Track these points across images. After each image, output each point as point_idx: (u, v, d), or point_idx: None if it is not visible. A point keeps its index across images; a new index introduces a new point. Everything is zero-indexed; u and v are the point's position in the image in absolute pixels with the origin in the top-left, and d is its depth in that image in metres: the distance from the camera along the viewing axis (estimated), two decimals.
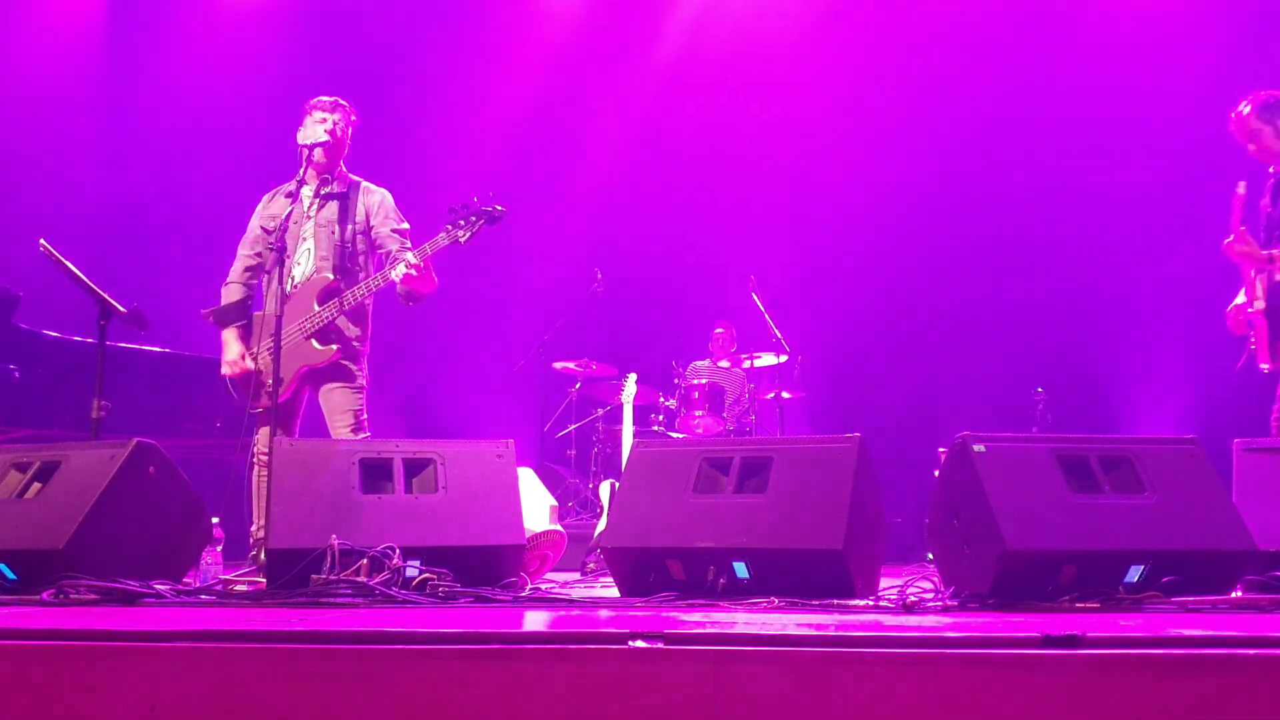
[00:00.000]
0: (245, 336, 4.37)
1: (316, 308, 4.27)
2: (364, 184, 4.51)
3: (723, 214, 8.76)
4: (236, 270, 4.52)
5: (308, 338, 4.25)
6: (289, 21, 8.40)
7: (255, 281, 4.49)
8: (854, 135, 8.40)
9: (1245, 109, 4.39)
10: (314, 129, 4.38)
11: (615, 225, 8.82)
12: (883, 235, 8.32)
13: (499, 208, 4.21)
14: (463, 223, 4.18)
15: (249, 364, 4.26)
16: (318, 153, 4.34)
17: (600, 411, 7.36)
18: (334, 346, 4.27)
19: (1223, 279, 7.58)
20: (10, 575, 3.04)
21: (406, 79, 8.52)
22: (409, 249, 4.31)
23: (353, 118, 4.51)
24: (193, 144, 7.96)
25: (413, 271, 4.14)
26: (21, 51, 7.61)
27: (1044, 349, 7.90)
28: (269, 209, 4.52)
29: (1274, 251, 4.16)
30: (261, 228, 4.50)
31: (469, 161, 8.43)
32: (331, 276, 4.31)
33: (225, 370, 4.38)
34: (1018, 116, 7.94)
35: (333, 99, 4.46)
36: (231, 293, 4.50)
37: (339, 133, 4.42)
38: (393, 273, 4.19)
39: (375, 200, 4.46)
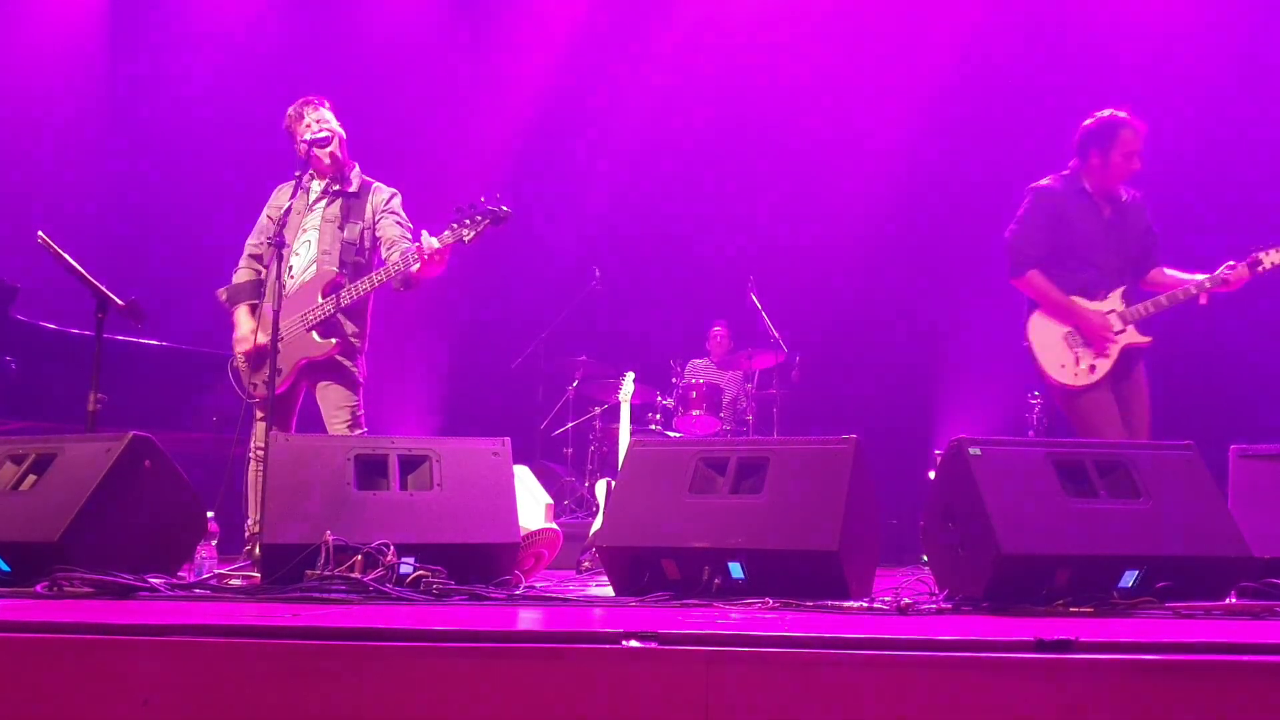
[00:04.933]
0: (256, 314, 4.38)
1: (320, 300, 4.28)
2: (376, 184, 4.53)
3: (721, 214, 8.77)
4: (244, 257, 4.57)
5: (309, 329, 4.26)
6: (291, 15, 8.40)
7: (261, 267, 4.50)
8: (854, 136, 8.40)
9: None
10: (310, 127, 4.40)
11: (614, 224, 8.82)
12: (882, 237, 8.33)
13: (504, 209, 4.21)
14: (468, 222, 4.18)
15: (261, 338, 4.24)
16: (319, 150, 4.36)
17: (597, 410, 7.36)
18: (334, 340, 4.27)
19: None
20: (4, 567, 3.04)
21: (409, 76, 8.51)
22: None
23: (329, 106, 4.49)
24: (193, 138, 7.96)
25: (436, 256, 4.11)
26: (21, 45, 7.60)
27: None
28: (276, 200, 4.56)
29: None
30: (268, 217, 4.54)
31: (469, 159, 8.44)
32: (336, 270, 4.32)
33: (238, 347, 4.36)
34: (1019, 121, 7.93)
35: (303, 100, 4.46)
36: (242, 275, 4.53)
37: (330, 127, 4.42)
38: (413, 260, 4.14)
39: (383, 199, 4.47)
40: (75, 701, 1.85)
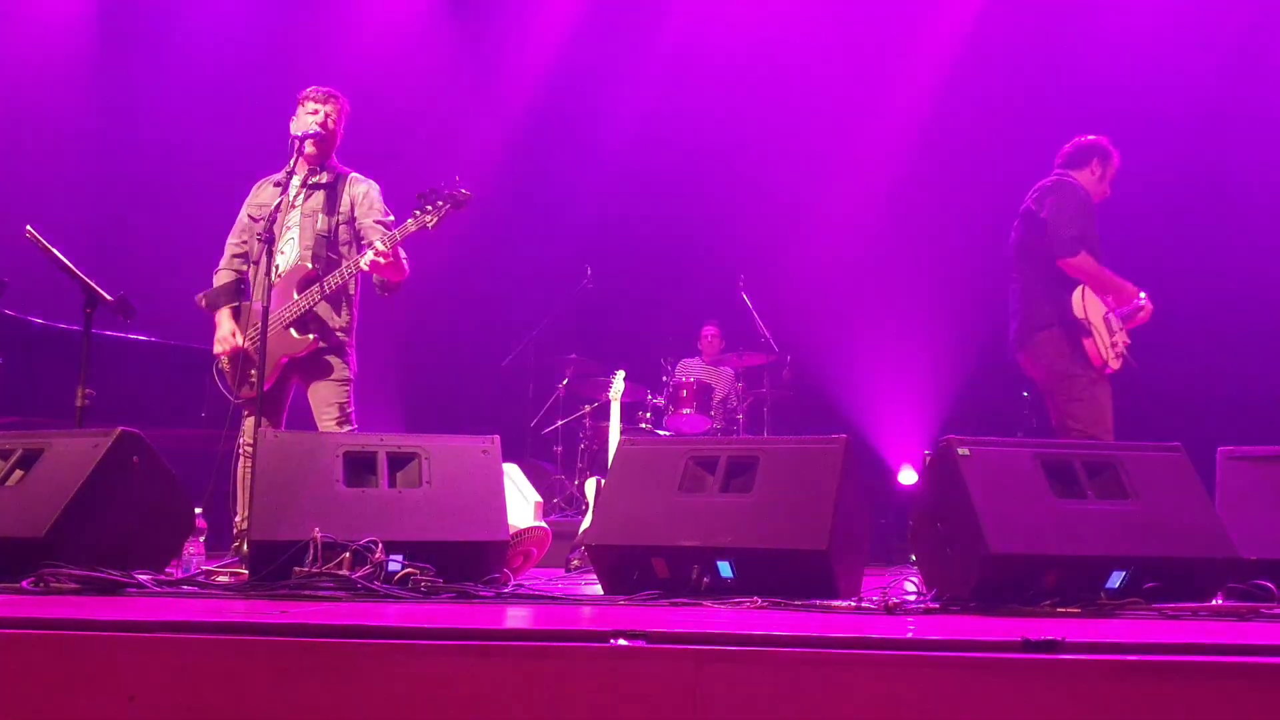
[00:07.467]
0: (237, 317, 4.37)
1: (295, 296, 4.26)
2: (352, 174, 4.49)
3: (712, 212, 8.77)
4: (225, 258, 4.53)
5: (286, 327, 4.24)
6: (285, 7, 8.37)
7: (245, 268, 4.48)
8: (845, 135, 8.41)
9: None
10: (306, 120, 4.37)
11: (605, 222, 8.82)
12: (872, 236, 8.34)
13: (464, 192, 4.22)
14: (430, 208, 4.18)
15: (240, 341, 4.24)
16: (309, 144, 4.32)
17: (587, 408, 7.36)
18: (311, 335, 4.25)
19: (1211, 285, 7.63)
20: None
21: (403, 72, 8.49)
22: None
23: (346, 108, 4.50)
24: (184, 132, 7.93)
25: (380, 259, 4.13)
26: (13, 39, 7.56)
27: None
28: (257, 198, 4.51)
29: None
30: (249, 216, 4.49)
31: (464, 156, 8.42)
32: (310, 265, 4.30)
33: (218, 348, 4.33)
34: (1009, 121, 7.95)
35: (326, 90, 4.44)
36: (223, 277, 4.50)
37: (331, 124, 4.40)
38: (362, 260, 4.18)
39: (360, 191, 4.44)
40: (61, 698, 1.85)
